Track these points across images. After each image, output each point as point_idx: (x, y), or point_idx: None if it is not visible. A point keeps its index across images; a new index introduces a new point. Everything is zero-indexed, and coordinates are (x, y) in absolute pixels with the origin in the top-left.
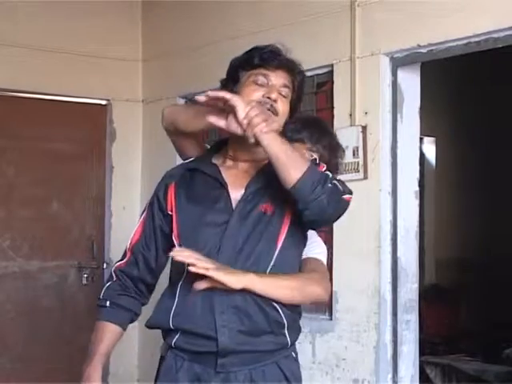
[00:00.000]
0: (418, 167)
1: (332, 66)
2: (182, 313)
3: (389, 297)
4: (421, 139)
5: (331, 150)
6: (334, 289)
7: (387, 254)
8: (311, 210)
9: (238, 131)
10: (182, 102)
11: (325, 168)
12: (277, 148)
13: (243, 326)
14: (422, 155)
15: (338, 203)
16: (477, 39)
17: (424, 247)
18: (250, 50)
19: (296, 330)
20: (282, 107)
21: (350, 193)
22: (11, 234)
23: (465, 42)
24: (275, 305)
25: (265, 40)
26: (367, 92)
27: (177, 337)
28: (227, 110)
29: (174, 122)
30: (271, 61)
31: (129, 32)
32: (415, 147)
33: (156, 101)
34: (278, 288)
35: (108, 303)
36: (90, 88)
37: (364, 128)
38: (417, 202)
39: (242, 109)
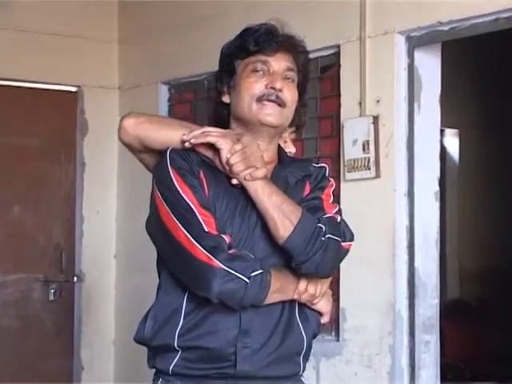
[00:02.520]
0: (438, 164)
1: (338, 46)
2: (193, 329)
3: (405, 314)
4: (442, 131)
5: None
6: (341, 305)
7: (403, 265)
8: (305, 268)
9: (223, 170)
10: (164, 88)
11: (335, 208)
12: (263, 200)
13: (268, 350)
14: (443, 150)
15: (335, 257)
16: (507, 14)
17: (446, 256)
18: (242, 34)
19: (308, 357)
20: (290, 95)
21: (351, 238)
22: None
23: (493, 17)
24: (300, 326)
25: (258, 17)
26: (379, 77)
27: (176, 359)
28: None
29: (142, 139)
30: (268, 44)
31: (102, 8)
32: (435, 141)
33: (134, 87)
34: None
35: None
36: (57, 73)
37: (376, 119)
38: (437, 204)
39: (224, 154)
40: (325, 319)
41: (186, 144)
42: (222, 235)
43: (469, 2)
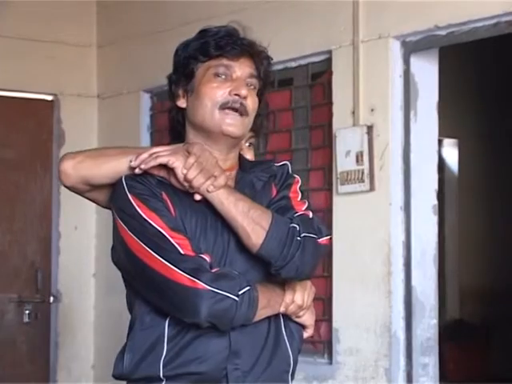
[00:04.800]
0: (436, 176)
1: (330, 52)
2: (179, 355)
3: (402, 335)
4: (439, 141)
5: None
6: (334, 326)
7: (399, 283)
8: (285, 272)
9: (182, 188)
10: (146, 97)
11: (305, 205)
12: (230, 210)
13: (259, 370)
14: (441, 161)
15: (315, 255)
16: (507, 18)
17: (444, 274)
18: (201, 35)
19: (295, 374)
20: (252, 103)
21: (328, 233)
22: None
23: (493, 21)
24: (287, 342)
25: (244, 22)
26: (373, 84)
27: None
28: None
29: (88, 179)
30: (231, 48)
31: (80, 11)
32: (433, 151)
33: (114, 96)
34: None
35: None
36: (32, 80)
37: (370, 128)
38: (435, 218)
39: (179, 171)
40: (309, 332)
41: (136, 170)
42: (201, 255)
43: (467, 6)
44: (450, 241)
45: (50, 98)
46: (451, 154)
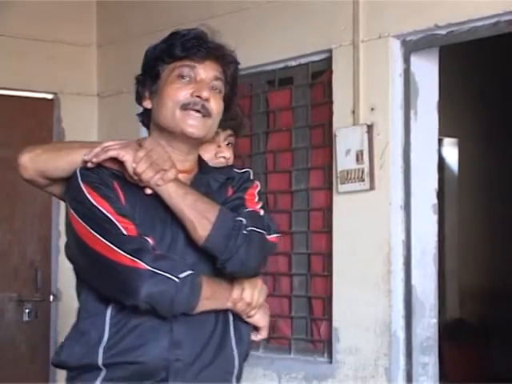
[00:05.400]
0: (436, 175)
1: (330, 51)
2: (119, 342)
3: (401, 334)
4: (440, 141)
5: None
6: (334, 325)
7: (399, 282)
8: (230, 266)
9: (133, 182)
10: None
11: (259, 205)
12: (178, 202)
13: (201, 364)
14: (441, 160)
15: (261, 250)
16: (507, 18)
17: (444, 273)
18: (169, 38)
19: (241, 379)
20: (215, 105)
21: (276, 231)
22: None
23: (493, 21)
24: (233, 344)
25: (245, 22)
26: (374, 83)
27: (99, 380)
28: None
29: (44, 171)
30: (197, 50)
31: (80, 10)
32: (433, 150)
33: (114, 95)
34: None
35: None
36: (32, 79)
37: (370, 127)
38: (435, 217)
39: (129, 165)
40: (262, 335)
41: (89, 164)
42: (144, 237)
43: (467, 5)
44: (449, 240)
45: (50, 96)
46: (451, 153)
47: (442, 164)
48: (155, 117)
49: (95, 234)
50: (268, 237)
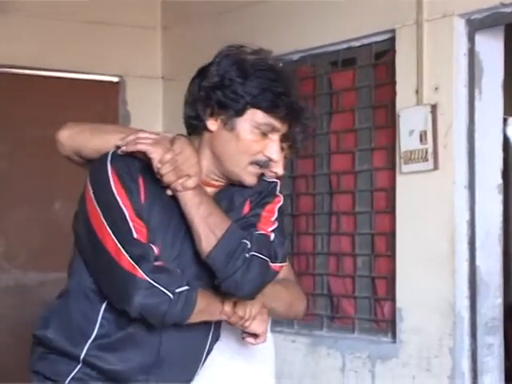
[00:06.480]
0: (501, 154)
1: (394, 31)
2: (105, 348)
3: (466, 315)
4: (504, 120)
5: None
6: (397, 305)
7: (463, 262)
8: (226, 285)
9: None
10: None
11: (273, 225)
12: (192, 211)
13: (180, 378)
14: (505, 140)
15: (260, 277)
16: None
17: (509, 253)
18: (273, 87)
19: None
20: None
21: (283, 260)
22: (4, 240)
23: None
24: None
25: (308, 3)
26: (438, 63)
27: (75, 372)
28: None
29: (78, 150)
30: (295, 118)
31: None
32: (497, 130)
33: (179, 77)
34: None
35: None
36: (98, 62)
37: (434, 107)
38: (500, 197)
39: (155, 163)
40: (261, 340)
41: (119, 151)
42: (151, 245)
43: None
44: None
45: (115, 79)
46: None
47: (506, 143)
48: (218, 147)
49: (107, 225)
50: (271, 264)
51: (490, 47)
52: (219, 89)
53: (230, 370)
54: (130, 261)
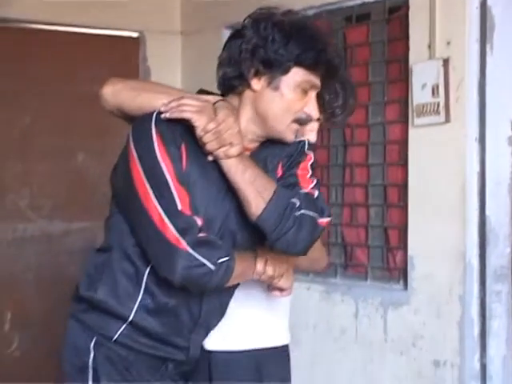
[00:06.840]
0: (511, 108)
1: None
2: (150, 312)
3: (476, 263)
4: None
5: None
6: (409, 253)
7: (474, 212)
8: (279, 245)
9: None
10: (228, 33)
11: (312, 183)
12: (237, 177)
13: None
14: None
15: (311, 234)
16: None
17: None
18: (317, 45)
19: None
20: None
21: (329, 214)
22: (30, 191)
23: None
24: None
25: None
26: (450, 18)
27: (122, 329)
28: None
29: (121, 107)
30: (332, 74)
31: None
32: (508, 84)
33: (197, 32)
34: None
35: None
36: (118, 18)
37: (446, 61)
38: (510, 149)
39: (199, 130)
40: (285, 294)
41: (162, 116)
42: (195, 216)
43: None
44: None
45: (135, 34)
46: None
47: None
48: (262, 107)
49: (151, 193)
50: (319, 220)
51: (503, 2)
52: (264, 49)
53: (247, 319)
54: (175, 233)
